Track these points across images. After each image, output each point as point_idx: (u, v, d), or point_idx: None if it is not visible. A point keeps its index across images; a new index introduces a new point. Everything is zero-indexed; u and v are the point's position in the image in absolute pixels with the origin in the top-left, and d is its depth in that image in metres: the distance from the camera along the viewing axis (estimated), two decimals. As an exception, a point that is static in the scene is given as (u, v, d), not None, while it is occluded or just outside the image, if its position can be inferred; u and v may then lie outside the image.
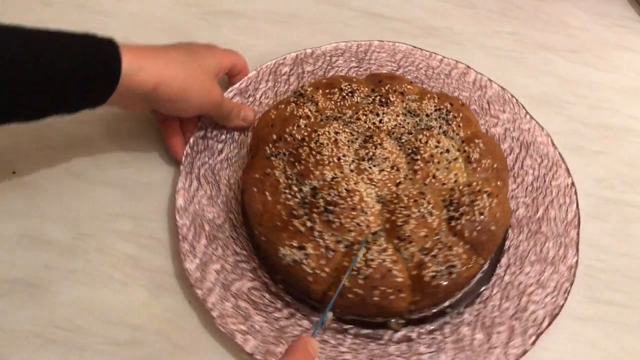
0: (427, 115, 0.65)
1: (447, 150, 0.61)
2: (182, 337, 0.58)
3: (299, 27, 0.80)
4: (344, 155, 0.60)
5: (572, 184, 0.67)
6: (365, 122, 0.63)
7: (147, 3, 0.81)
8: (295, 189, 0.59)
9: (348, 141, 0.61)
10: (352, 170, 0.60)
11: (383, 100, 0.65)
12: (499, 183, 0.62)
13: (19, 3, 0.79)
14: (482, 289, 0.60)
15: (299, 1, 0.82)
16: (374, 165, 0.60)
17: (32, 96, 0.52)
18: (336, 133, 0.61)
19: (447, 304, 0.59)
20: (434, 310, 0.59)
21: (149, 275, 0.61)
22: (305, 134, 0.62)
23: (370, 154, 0.60)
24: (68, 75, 0.53)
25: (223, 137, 0.67)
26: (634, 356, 0.60)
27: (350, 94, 0.66)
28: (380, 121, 0.63)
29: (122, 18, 0.79)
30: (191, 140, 0.66)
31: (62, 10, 0.79)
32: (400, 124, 0.64)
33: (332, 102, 0.65)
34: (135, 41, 0.77)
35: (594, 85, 0.78)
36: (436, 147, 0.61)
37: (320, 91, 0.66)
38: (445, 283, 0.56)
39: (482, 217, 0.58)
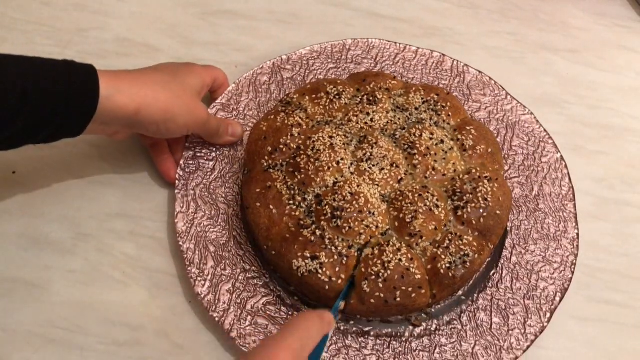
0: (416, 109, 0.65)
1: (442, 141, 0.62)
2: (182, 337, 0.58)
3: (299, 27, 0.80)
4: (342, 159, 0.60)
5: (562, 158, 0.68)
6: (357, 123, 0.63)
7: (147, 3, 0.81)
8: (299, 198, 0.59)
9: (344, 144, 0.61)
10: (352, 173, 0.60)
11: (370, 98, 0.65)
12: (496, 167, 0.63)
13: (19, 3, 0.79)
14: (491, 273, 0.61)
15: (299, 1, 0.82)
16: (374, 165, 0.60)
17: (5, 122, 0.50)
18: (331, 137, 0.61)
19: (460, 292, 0.60)
20: (450, 301, 0.59)
21: (149, 275, 0.61)
22: (300, 142, 0.62)
23: (368, 154, 0.60)
24: (42, 98, 0.51)
25: (213, 154, 0.66)
26: (634, 356, 0.60)
27: (337, 97, 0.65)
28: (371, 120, 0.63)
29: (122, 18, 0.79)
30: (182, 162, 0.65)
31: (62, 10, 0.79)
32: (391, 121, 0.64)
33: (321, 107, 0.65)
34: (135, 41, 0.78)
35: (594, 85, 0.78)
36: (430, 139, 0.62)
37: (307, 97, 0.66)
38: (461, 273, 0.56)
39: (486, 202, 0.59)
